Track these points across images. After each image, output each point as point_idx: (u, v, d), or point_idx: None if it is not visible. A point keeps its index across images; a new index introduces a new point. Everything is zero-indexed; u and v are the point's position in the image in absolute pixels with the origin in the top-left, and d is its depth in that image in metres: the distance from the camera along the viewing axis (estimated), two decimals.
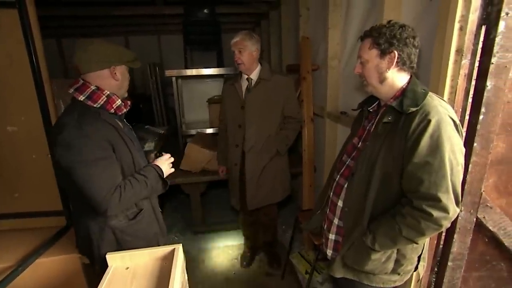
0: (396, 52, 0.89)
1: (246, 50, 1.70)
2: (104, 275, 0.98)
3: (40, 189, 1.61)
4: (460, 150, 0.84)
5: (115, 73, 1.06)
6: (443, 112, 0.84)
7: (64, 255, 1.50)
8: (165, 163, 1.21)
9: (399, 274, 1.01)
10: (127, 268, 1.03)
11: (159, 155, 1.26)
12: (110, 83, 1.07)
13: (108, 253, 1.03)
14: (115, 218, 1.09)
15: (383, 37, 0.89)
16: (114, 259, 1.04)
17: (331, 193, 1.11)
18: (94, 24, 3.82)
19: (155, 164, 1.17)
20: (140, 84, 4.79)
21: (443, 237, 1.15)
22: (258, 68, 1.79)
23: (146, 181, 1.08)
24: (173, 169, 1.25)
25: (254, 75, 1.79)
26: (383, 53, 0.90)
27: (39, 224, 1.69)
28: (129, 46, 4.67)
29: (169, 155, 1.25)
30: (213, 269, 2.21)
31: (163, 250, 1.06)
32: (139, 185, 1.06)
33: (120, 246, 1.12)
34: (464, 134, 1.00)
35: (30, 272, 1.40)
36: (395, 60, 0.90)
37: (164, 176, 1.18)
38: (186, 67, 3.82)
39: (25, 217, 1.68)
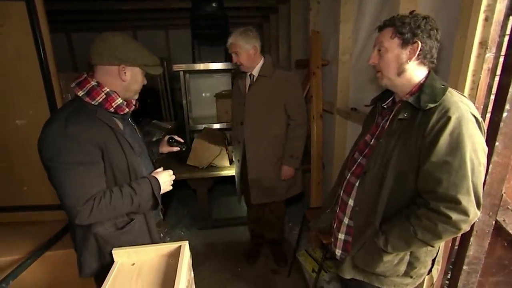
0: (419, 43, 0.84)
1: (242, 51, 1.65)
2: (110, 271, 0.98)
3: (49, 183, 1.62)
4: (483, 149, 0.79)
5: (124, 72, 0.98)
6: (464, 108, 0.79)
7: (72, 248, 1.50)
8: (168, 179, 1.12)
9: (411, 277, 0.97)
10: (133, 264, 1.02)
11: (172, 141, 1.17)
12: (116, 82, 0.99)
13: (114, 249, 1.02)
14: (101, 225, 1.00)
15: (407, 27, 0.84)
16: (120, 255, 1.03)
17: (342, 192, 1.08)
18: (103, 19, 3.82)
19: (154, 178, 1.06)
20: (148, 79, 4.80)
21: (458, 240, 1.11)
22: (261, 63, 1.73)
23: (133, 197, 0.98)
24: (171, 187, 1.14)
25: (256, 71, 1.75)
26: (405, 43, 0.86)
27: (47, 217, 1.70)
28: (137, 41, 4.68)
29: (171, 171, 1.14)
30: (218, 265, 2.21)
31: (169, 246, 1.05)
32: (121, 200, 0.96)
33: (102, 257, 1.04)
34: (486, 132, 0.94)
35: (38, 264, 1.42)
36: (418, 52, 0.85)
37: (161, 192, 1.09)
38: (194, 62, 3.80)
39: (34, 210, 1.69)
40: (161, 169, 1.14)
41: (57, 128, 0.88)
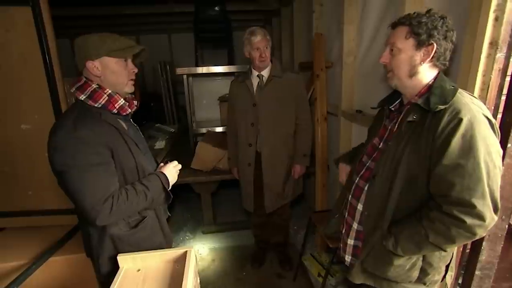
0: (435, 45, 0.82)
1: (269, 45, 1.70)
2: (116, 277, 0.96)
3: (53, 188, 1.60)
4: (498, 151, 0.77)
5: (96, 67, 0.95)
6: (476, 110, 0.77)
7: (76, 254, 1.50)
8: (173, 171, 1.13)
9: (425, 284, 0.95)
10: (139, 270, 1.01)
11: (170, 161, 1.17)
12: (96, 80, 0.98)
13: (119, 254, 1.01)
14: (116, 225, 1.01)
15: (424, 27, 0.81)
16: (126, 261, 1.02)
17: (350, 196, 1.06)
18: (107, 24, 3.85)
19: (162, 173, 1.08)
20: (151, 83, 4.82)
21: (469, 244, 1.08)
22: (269, 65, 1.76)
23: (147, 193, 1.00)
24: (177, 177, 1.16)
25: (265, 72, 1.76)
26: (420, 44, 0.83)
27: (52, 222, 1.70)
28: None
29: (176, 162, 1.16)
30: (223, 270, 2.19)
31: (175, 252, 1.04)
32: (136, 197, 0.97)
33: None
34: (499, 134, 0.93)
35: (43, 270, 1.41)
36: (432, 54, 0.83)
37: (171, 185, 1.11)
38: (197, 65, 3.81)
39: (38, 215, 1.69)
40: (161, 164, 1.17)
41: (66, 133, 0.89)
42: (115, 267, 1.04)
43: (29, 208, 1.69)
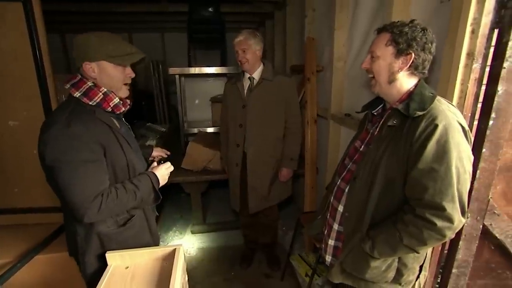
0: (413, 55, 0.86)
1: (250, 49, 1.68)
2: (104, 274, 0.97)
3: (40, 185, 1.60)
4: (468, 157, 0.81)
5: (92, 68, 0.96)
6: (452, 117, 0.81)
7: (62, 252, 1.48)
8: (164, 173, 1.15)
9: (400, 284, 0.98)
10: (127, 267, 1.02)
11: (163, 162, 1.20)
12: (91, 78, 0.99)
13: (107, 252, 1.01)
14: (103, 223, 1.02)
15: (404, 37, 0.85)
16: (114, 258, 1.02)
17: (332, 198, 1.09)
18: (98, 20, 3.81)
19: (153, 173, 1.10)
20: (143, 81, 4.78)
21: (448, 243, 1.14)
22: (261, 67, 1.78)
23: (136, 192, 1.00)
24: (167, 180, 1.18)
25: (256, 75, 1.78)
26: (399, 53, 0.87)
27: (38, 220, 1.68)
28: (132, 43, 4.66)
29: (169, 163, 1.19)
30: (212, 269, 2.20)
31: (164, 250, 1.05)
32: (125, 196, 0.98)
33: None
34: (472, 140, 0.98)
35: (28, 268, 1.39)
36: (409, 63, 0.87)
37: (160, 185, 1.12)
38: (190, 65, 3.81)
39: (24, 212, 1.67)
40: (155, 163, 1.18)
41: (59, 128, 0.89)
42: (101, 266, 1.04)
43: (15, 206, 1.66)
